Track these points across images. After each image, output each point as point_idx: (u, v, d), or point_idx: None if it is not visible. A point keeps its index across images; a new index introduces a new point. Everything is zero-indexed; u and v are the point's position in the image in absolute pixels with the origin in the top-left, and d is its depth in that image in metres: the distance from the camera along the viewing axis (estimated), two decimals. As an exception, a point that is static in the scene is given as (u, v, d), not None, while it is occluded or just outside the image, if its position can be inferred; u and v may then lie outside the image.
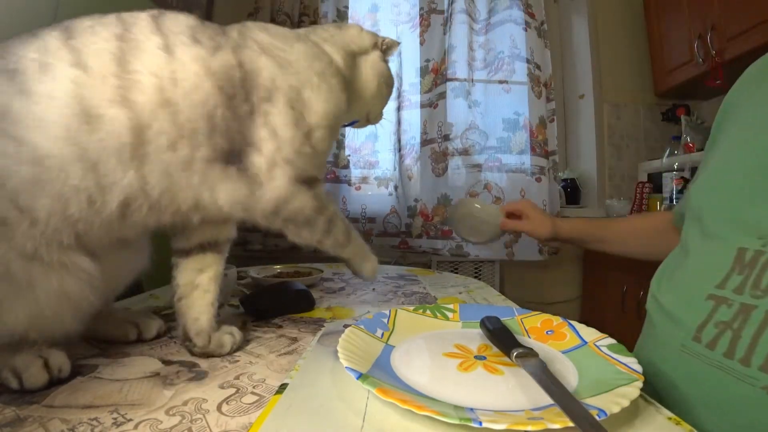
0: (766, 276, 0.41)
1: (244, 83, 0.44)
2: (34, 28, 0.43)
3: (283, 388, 0.38)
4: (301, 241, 0.52)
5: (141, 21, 0.42)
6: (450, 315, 0.56)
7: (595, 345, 0.45)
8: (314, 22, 1.93)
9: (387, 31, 2.02)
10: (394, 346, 0.47)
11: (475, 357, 0.44)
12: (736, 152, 0.52)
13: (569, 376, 0.40)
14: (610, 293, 1.70)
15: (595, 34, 2.13)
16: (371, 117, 0.66)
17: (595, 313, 1.89)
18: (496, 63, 1.94)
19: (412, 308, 0.56)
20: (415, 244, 1.90)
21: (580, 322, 0.50)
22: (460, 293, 0.84)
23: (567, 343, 0.47)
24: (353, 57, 0.58)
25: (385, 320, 0.52)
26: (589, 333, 0.48)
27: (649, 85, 2.10)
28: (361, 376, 0.35)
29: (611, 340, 0.45)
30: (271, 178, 0.45)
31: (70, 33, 0.40)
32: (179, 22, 0.44)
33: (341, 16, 1.98)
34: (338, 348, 0.41)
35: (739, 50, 1.52)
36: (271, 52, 0.47)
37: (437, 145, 1.88)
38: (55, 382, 0.40)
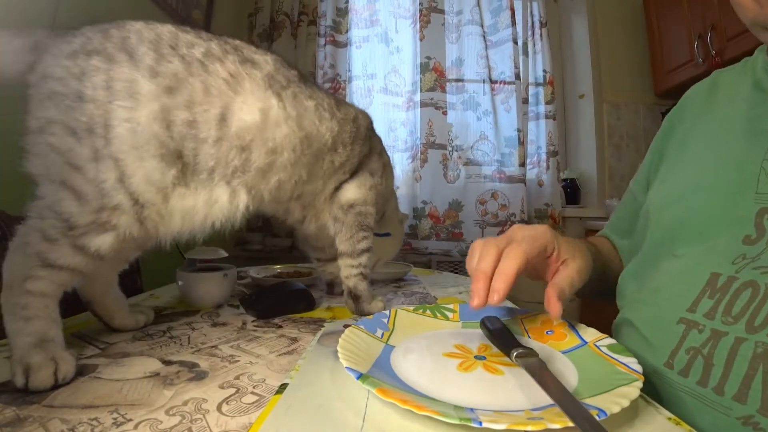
0: (738, 302, 0.40)
1: (377, 149, 0.76)
2: (34, 27, 0.45)
3: (283, 388, 0.38)
4: (349, 244, 0.69)
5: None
6: (450, 315, 0.56)
7: (595, 345, 0.45)
8: (313, 22, 1.93)
9: (386, 23, 2.02)
10: (394, 346, 0.47)
11: (475, 357, 0.44)
12: (705, 169, 0.51)
13: (569, 376, 0.40)
14: (610, 293, 1.70)
15: (595, 34, 2.13)
16: (382, 258, 0.89)
17: (595, 313, 1.89)
18: (501, 80, 2.01)
19: (412, 308, 0.56)
20: (420, 245, 1.90)
21: (580, 322, 0.50)
22: (460, 293, 0.84)
23: (567, 343, 0.47)
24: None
25: (385, 320, 0.52)
26: (589, 333, 0.48)
27: (649, 85, 2.10)
28: (361, 376, 0.35)
29: (611, 340, 0.45)
30: (366, 188, 0.71)
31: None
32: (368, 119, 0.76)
33: (341, 12, 1.98)
34: (338, 348, 0.41)
35: (739, 50, 1.52)
36: (381, 142, 0.80)
37: (448, 153, 1.94)
38: (57, 387, 0.41)
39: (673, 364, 0.43)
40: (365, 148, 0.72)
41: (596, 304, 2.04)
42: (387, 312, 0.54)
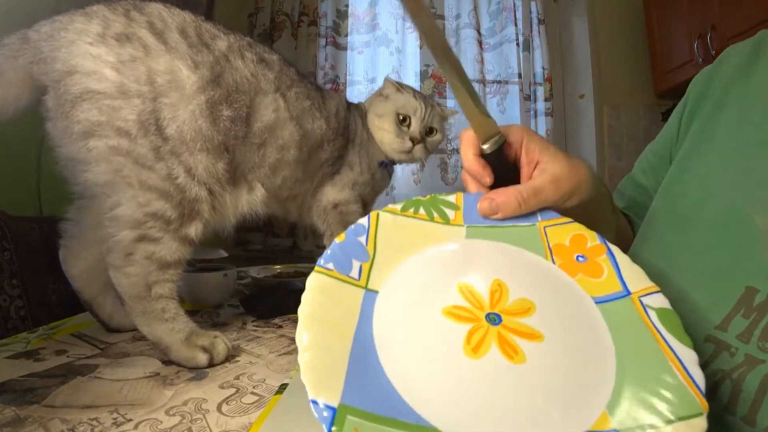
0: None
1: (353, 135, 0.73)
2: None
3: (283, 388, 0.38)
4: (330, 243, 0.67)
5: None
6: (451, 215, 0.40)
7: (641, 302, 0.32)
8: (313, 22, 1.93)
9: (386, 25, 2.03)
10: (377, 292, 0.33)
11: (487, 318, 0.31)
12: (739, 146, 0.42)
13: (605, 364, 0.29)
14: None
15: (594, 35, 2.13)
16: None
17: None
18: (496, 87, 2.04)
19: (399, 207, 0.39)
20: None
21: None
22: (460, 293, 0.84)
23: (603, 285, 0.34)
24: None
25: (363, 239, 0.36)
26: (635, 277, 0.34)
27: (649, 86, 2.10)
28: (334, 420, 0.24)
29: (662, 300, 0.32)
30: (348, 187, 0.70)
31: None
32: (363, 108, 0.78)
33: (341, 15, 1.98)
34: (300, 349, 0.26)
35: (739, 50, 1.52)
36: (358, 121, 0.76)
37: (447, 156, 1.99)
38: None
39: None
40: (344, 140, 0.72)
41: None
42: (365, 223, 0.37)
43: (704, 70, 0.53)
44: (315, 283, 0.31)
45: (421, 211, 0.40)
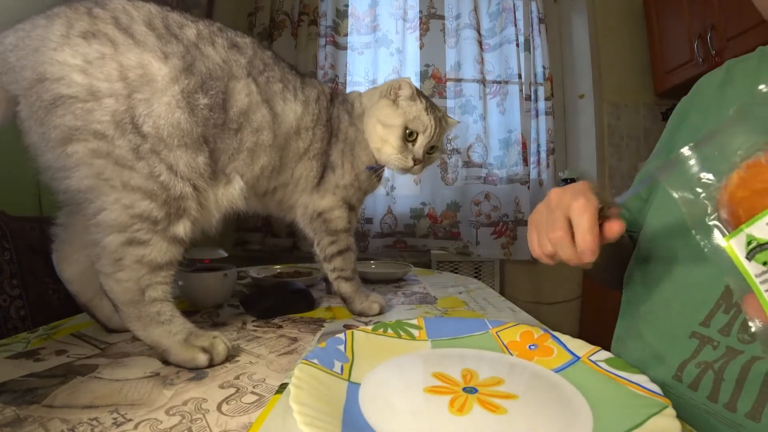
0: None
1: (335, 131, 0.69)
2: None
3: (283, 388, 0.39)
4: (319, 249, 0.70)
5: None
6: (416, 333, 0.48)
7: (591, 360, 0.40)
8: (313, 22, 1.93)
9: (386, 26, 2.03)
10: (359, 384, 0.37)
11: (464, 390, 0.36)
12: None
13: (577, 403, 0.34)
14: (610, 293, 1.70)
15: (595, 34, 2.13)
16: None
17: (595, 313, 1.89)
18: (496, 87, 2.04)
19: (370, 328, 0.48)
20: (418, 243, 1.95)
21: (580, 322, 0.49)
22: (460, 293, 0.84)
23: (556, 359, 0.41)
24: None
25: (342, 347, 0.42)
26: (578, 345, 0.43)
27: (649, 85, 2.10)
28: None
29: (607, 354, 0.41)
30: (330, 192, 0.68)
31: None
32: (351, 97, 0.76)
33: (340, 14, 1.98)
34: (292, 402, 0.30)
35: (739, 50, 1.51)
36: (347, 113, 0.72)
37: (446, 156, 1.98)
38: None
39: (681, 377, 0.42)
40: (328, 133, 0.68)
41: (596, 304, 2.03)
42: (342, 336, 0.44)
43: (682, 100, 0.60)
44: (300, 372, 0.35)
45: (389, 330, 0.48)
